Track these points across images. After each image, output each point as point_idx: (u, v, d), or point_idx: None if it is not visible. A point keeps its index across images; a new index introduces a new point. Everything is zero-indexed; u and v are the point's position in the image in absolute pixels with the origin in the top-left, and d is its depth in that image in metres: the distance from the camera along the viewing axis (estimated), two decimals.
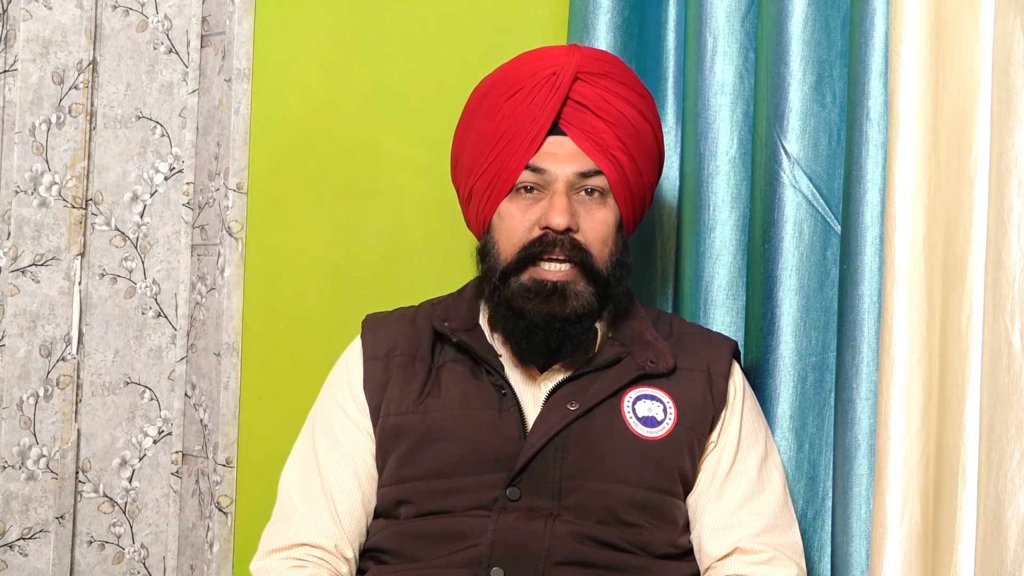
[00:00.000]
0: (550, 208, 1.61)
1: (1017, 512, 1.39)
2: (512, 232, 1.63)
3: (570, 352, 1.64)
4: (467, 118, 1.71)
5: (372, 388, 1.67)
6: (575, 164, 1.63)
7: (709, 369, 1.67)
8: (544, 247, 1.61)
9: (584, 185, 1.63)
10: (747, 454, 1.66)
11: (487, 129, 1.65)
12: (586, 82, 1.64)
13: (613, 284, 1.64)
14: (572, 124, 1.63)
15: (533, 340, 1.62)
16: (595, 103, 1.64)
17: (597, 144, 1.63)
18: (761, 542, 1.62)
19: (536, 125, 1.63)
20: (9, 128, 2.02)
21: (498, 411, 1.62)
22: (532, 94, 1.63)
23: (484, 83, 1.72)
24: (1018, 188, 1.42)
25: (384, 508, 1.65)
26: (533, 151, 1.62)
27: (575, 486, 1.59)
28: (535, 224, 1.62)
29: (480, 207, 1.67)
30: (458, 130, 1.73)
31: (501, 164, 1.64)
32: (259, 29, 2.04)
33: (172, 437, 2.11)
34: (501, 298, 1.63)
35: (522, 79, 1.65)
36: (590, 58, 1.67)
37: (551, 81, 1.63)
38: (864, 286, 1.68)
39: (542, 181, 1.63)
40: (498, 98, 1.66)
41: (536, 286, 1.61)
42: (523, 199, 1.63)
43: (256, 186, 2.04)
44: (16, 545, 2.03)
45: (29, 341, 2.04)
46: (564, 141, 1.63)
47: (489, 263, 1.66)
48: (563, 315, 1.60)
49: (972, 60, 1.51)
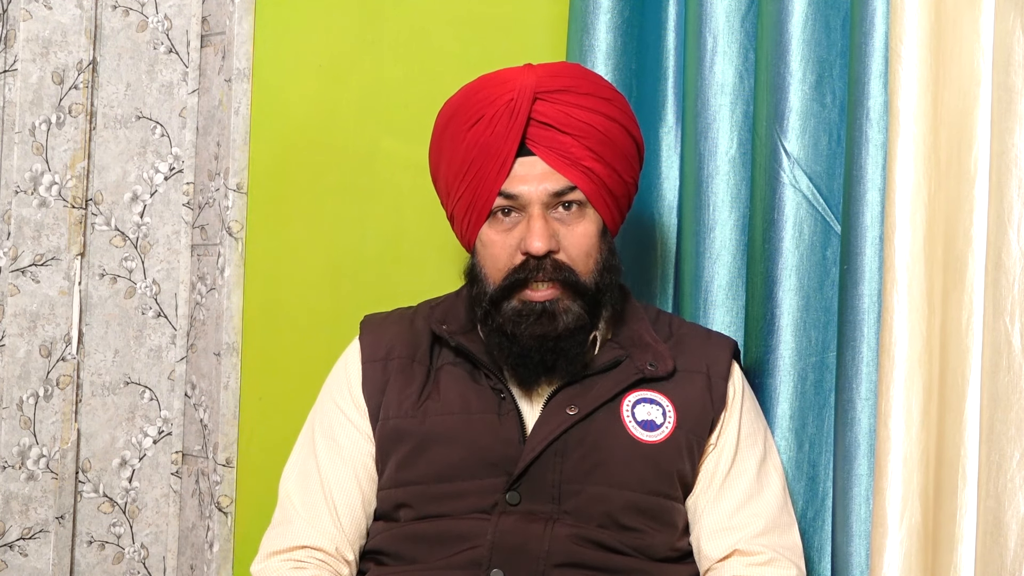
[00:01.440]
0: (528, 233, 1.60)
1: (1017, 512, 1.39)
2: (495, 259, 1.62)
3: (566, 367, 1.63)
4: (436, 142, 1.69)
5: (371, 390, 1.67)
6: (547, 183, 1.61)
7: (708, 371, 1.67)
8: (528, 272, 1.60)
9: (560, 202, 1.61)
10: (746, 455, 1.66)
11: (455, 157, 1.64)
12: (546, 100, 1.62)
13: (603, 292, 1.64)
14: (539, 143, 1.61)
15: (529, 362, 1.62)
16: (558, 120, 1.61)
17: (567, 159, 1.61)
18: (760, 543, 1.61)
19: (503, 152, 1.60)
20: (9, 128, 2.02)
21: (497, 415, 1.62)
22: (493, 122, 1.61)
23: (446, 108, 1.69)
24: (1018, 188, 1.42)
25: (384, 511, 1.65)
26: (503, 177, 1.61)
27: (575, 490, 1.59)
28: (516, 249, 1.61)
29: (463, 230, 1.67)
30: (431, 155, 1.71)
31: (474, 192, 1.62)
32: (259, 29, 2.04)
33: (172, 437, 2.11)
34: (494, 324, 1.62)
35: (482, 107, 1.63)
36: (547, 76, 1.63)
37: (510, 107, 1.61)
38: (864, 286, 1.68)
39: (517, 204, 1.61)
40: (460, 127, 1.64)
41: (526, 308, 1.60)
42: (501, 223, 1.62)
43: (256, 186, 2.04)
44: (16, 545, 2.03)
45: (29, 341, 2.04)
46: (534, 161, 1.61)
47: (479, 288, 1.65)
48: (555, 334, 1.60)
49: (972, 60, 1.51)
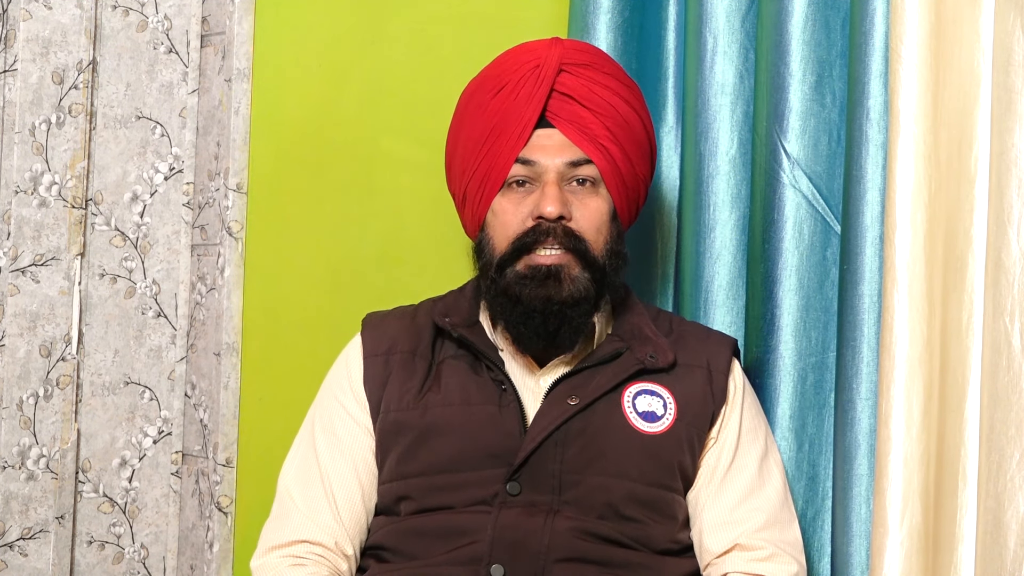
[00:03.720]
0: (542, 198, 1.62)
1: (1017, 512, 1.39)
2: (506, 226, 1.64)
3: (568, 337, 1.63)
4: (457, 121, 1.73)
5: (372, 385, 1.67)
6: (564, 154, 1.63)
7: (709, 365, 1.68)
8: (538, 236, 1.62)
9: (575, 175, 1.64)
10: (747, 450, 1.66)
11: (476, 128, 1.67)
12: (570, 73, 1.65)
13: (609, 272, 1.65)
14: (559, 116, 1.64)
15: (531, 324, 1.62)
16: (581, 93, 1.65)
17: (585, 134, 1.64)
18: (761, 538, 1.62)
19: (523, 118, 1.63)
20: (9, 128, 2.02)
21: (498, 406, 1.62)
22: (517, 88, 1.64)
23: (470, 85, 1.73)
24: (1018, 188, 1.42)
25: (385, 505, 1.65)
26: (522, 144, 1.63)
27: (575, 481, 1.59)
28: (528, 216, 1.63)
29: (474, 207, 1.68)
30: (449, 135, 1.74)
31: (492, 160, 1.64)
32: (259, 29, 2.04)
33: (172, 437, 2.11)
34: (498, 288, 1.63)
35: (507, 75, 1.66)
36: (573, 49, 1.68)
37: (535, 74, 1.64)
38: (864, 286, 1.68)
39: (533, 174, 1.64)
40: (484, 96, 1.67)
41: (532, 271, 1.61)
42: (515, 193, 1.64)
43: (256, 186, 2.04)
44: (16, 545, 2.03)
45: (29, 341, 2.04)
46: (552, 133, 1.64)
47: (485, 258, 1.66)
48: (560, 298, 1.61)
49: (972, 60, 1.51)
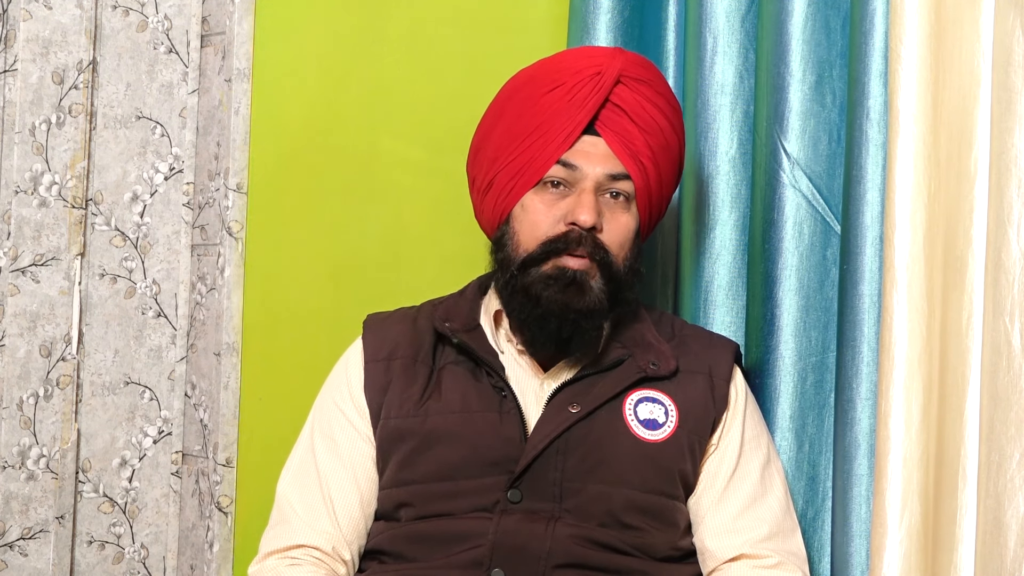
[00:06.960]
0: (577, 205, 1.61)
1: (1017, 512, 1.39)
2: (536, 225, 1.63)
3: (579, 347, 1.64)
4: (498, 108, 1.71)
5: (373, 391, 1.67)
6: (606, 165, 1.63)
7: (711, 372, 1.68)
8: (568, 243, 1.61)
9: (611, 188, 1.64)
10: (750, 458, 1.66)
11: (520, 120, 1.65)
12: (627, 86, 1.65)
13: (625, 288, 1.65)
14: (607, 126, 1.64)
15: (547, 328, 1.62)
16: (633, 108, 1.64)
17: (629, 149, 1.64)
18: (767, 547, 1.62)
19: (573, 121, 1.63)
20: (9, 128, 2.02)
21: (498, 413, 1.62)
22: (573, 91, 1.64)
23: (521, 75, 1.71)
24: (1018, 188, 1.42)
25: (385, 511, 1.65)
26: (567, 146, 1.63)
27: (576, 488, 1.59)
28: (560, 220, 1.62)
29: (501, 197, 1.67)
30: (485, 119, 1.72)
31: (531, 156, 1.63)
32: (259, 29, 2.04)
33: (172, 437, 2.11)
34: (518, 285, 1.63)
35: (565, 75, 1.65)
36: (634, 63, 1.67)
37: (594, 80, 1.64)
38: (864, 286, 1.68)
39: (571, 178, 1.63)
40: (536, 91, 1.66)
41: (558, 272, 1.60)
42: (549, 193, 1.64)
43: (256, 186, 2.03)
44: (16, 545, 2.03)
45: (29, 341, 2.04)
46: (597, 142, 1.64)
47: (506, 253, 1.65)
48: (578, 307, 1.60)
49: (972, 60, 1.51)
